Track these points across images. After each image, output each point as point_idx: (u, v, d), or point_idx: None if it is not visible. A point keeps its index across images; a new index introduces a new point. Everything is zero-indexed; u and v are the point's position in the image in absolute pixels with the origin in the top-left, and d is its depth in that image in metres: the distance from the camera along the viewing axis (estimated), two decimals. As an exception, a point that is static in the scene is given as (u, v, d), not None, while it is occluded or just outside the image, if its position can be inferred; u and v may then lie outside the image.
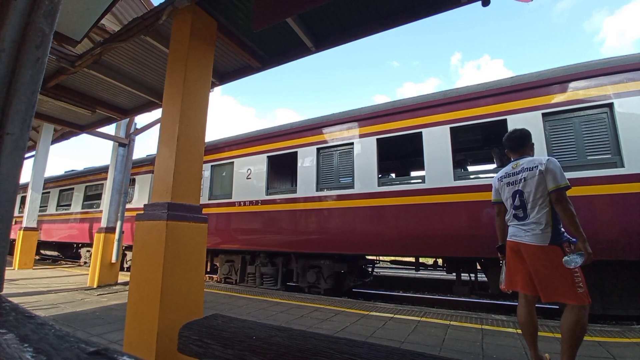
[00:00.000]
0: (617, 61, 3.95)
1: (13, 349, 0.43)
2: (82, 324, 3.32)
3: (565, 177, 2.07)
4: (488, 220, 4.31)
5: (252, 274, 6.73)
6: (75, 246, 11.82)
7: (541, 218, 2.10)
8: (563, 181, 2.05)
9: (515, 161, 2.35)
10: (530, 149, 2.40)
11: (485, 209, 4.33)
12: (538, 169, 2.14)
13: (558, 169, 2.09)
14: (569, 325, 1.95)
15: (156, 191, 2.43)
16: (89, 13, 2.91)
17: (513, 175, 2.31)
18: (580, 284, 1.96)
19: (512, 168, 2.35)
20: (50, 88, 4.25)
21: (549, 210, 2.09)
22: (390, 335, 3.02)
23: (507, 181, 2.35)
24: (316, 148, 5.93)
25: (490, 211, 4.31)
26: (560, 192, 2.04)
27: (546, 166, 2.11)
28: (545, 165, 2.12)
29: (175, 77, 2.54)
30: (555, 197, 2.05)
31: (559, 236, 2.07)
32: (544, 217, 2.09)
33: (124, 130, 6.45)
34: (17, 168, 0.71)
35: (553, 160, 2.14)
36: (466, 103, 4.72)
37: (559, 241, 2.05)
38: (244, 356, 1.02)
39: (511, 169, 2.35)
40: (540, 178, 2.12)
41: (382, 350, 0.92)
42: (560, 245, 2.04)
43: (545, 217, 2.08)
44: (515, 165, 2.33)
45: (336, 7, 2.81)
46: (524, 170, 2.23)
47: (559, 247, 2.03)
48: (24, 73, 0.72)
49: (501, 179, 2.40)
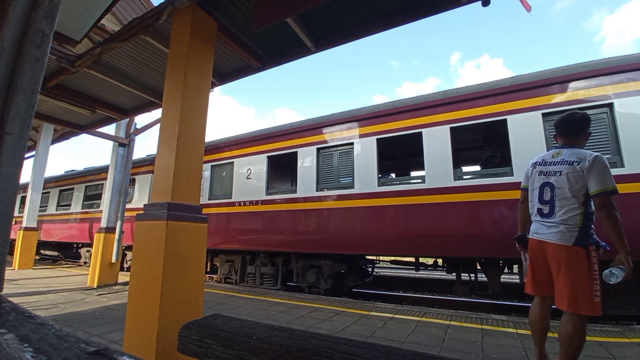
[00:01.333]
0: (617, 61, 3.96)
1: (13, 349, 0.43)
2: (82, 324, 3.32)
3: (613, 180, 1.82)
4: (488, 220, 4.31)
5: (252, 274, 6.73)
6: (75, 246, 11.83)
7: (569, 220, 1.88)
8: (611, 184, 1.80)
9: (559, 149, 2.06)
10: (583, 139, 2.08)
11: (485, 208, 4.33)
12: (580, 165, 1.87)
13: (606, 168, 1.83)
14: (566, 335, 1.84)
15: (156, 191, 2.43)
16: (89, 13, 2.91)
17: (550, 164, 2.03)
18: (597, 293, 1.79)
19: (552, 157, 2.06)
20: (50, 88, 4.25)
21: (581, 213, 1.86)
22: (390, 335, 3.02)
23: (540, 169, 2.08)
24: (316, 148, 5.94)
25: (490, 211, 4.32)
26: (606, 197, 1.80)
27: (592, 164, 1.84)
28: (591, 163, 1.85)
29: (175, 77, 2.54)
30: (599, 202, 1.81)
31: (586, 237, 1.85)
32: (573, 219, 1.87)
33: (124, 130, 6.45)
34: (17, 168, 0.71)
35: (602, 159, 1.85)
36: (466, 103, 4.72)
37: (585, 243, 1.84)
38: (244, 356, 1.02)
39: (550, 157, 2.06)
40: (580, 176, 1.86)
41: (382, 350, 0.92)
42: (586, 248, 1.84)
43: (575, 220, 1.87)
44: (556, 153, 2.05)
45: (336, 7, 2.81)
46: (564, 162, 1.96)
47: (584, 249, 1.84)
48: (24, 73, 0.72)
49: (535, 165, 2.14)
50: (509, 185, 4.23)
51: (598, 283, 1.80)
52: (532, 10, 2.45)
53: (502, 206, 4.24)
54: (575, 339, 1.81)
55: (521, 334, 3.04)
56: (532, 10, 2.46)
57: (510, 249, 4.29)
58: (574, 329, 1.82)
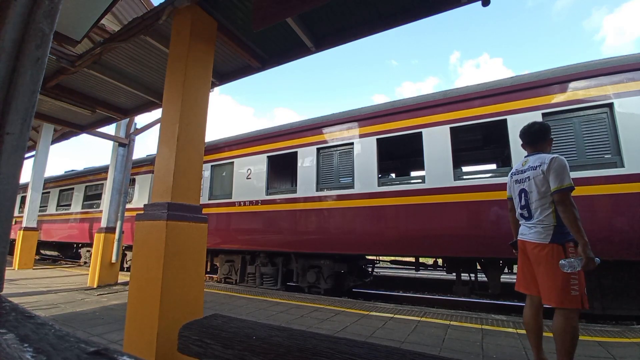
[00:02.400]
0: (617, 61, 3.96)
1: (13, 349, 0.43)
2: (82, 324, 3.32)
3: (570, 178, 1.95)
4: (488, 220, 4.32)
5: (252, 274, 6.73)
6: (75, 246, 11.83)
7: (545, 220, 2.01)
8: (566, 181, 1.93)
9: (527, 157, 2.23)
10: (547, 145, 2.22)
11: (485, 208, 4.33)
12: (541, 167, 2.03)
13: (562, 167, 1.96)
14: (558, 331, 1.89)
15: (156, 191, 2.43)
16: (89, 13, 2.91)
17: (521, 172, 2.22)
18: (575, 287, 1.87)
19: (522, 165, 2.23)
20: (50, 88, 4.25)
21: (552, 211, 1.99)
22: (390, 335, 3.02)
23: (515, 178, 2.26)
24: (316, 148, 5.94)
25: (490, 211, 4.32)
26: (562, 193, 1.92)
27: (549, 165, 1.99)
28: (548, 164, 2.00)
29: (175, 77, 2.54)
30: (557, 199, 1.94)
31: (562, 235, 1.96)
32: (547, 218, 2.00)
33: (124, 130, 6.45)
34: (17, 168, 0.71)
35: (558, 159, 2.00)
36: (466, 103, 4.72)
37: (562, 240, 1.95)
38: (244, 356, 1.02)
39: (521, 166, 2.24)
40: (544, 178, 2.01)
41: (382, 350, 0.92)
42: (562, 245, 1.95)
43: (549, 219, 1.99)
44: (525, 162, 2.22)
45: (336, 7, 2.81)
46: (530, 168, 2.13)
47: (562, 246, 1.94)
48: (24, 73, 0.72)
49: (512, 175, 2.32)
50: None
51: (576, 277, 1.89)
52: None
53: (502, 206, 4.24)
54: (567, 333, 1.87)
55: (521, 334, 3.04)
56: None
57: (510, 249, 4.30)
58: (564, 323, 1.88)
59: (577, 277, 1.89)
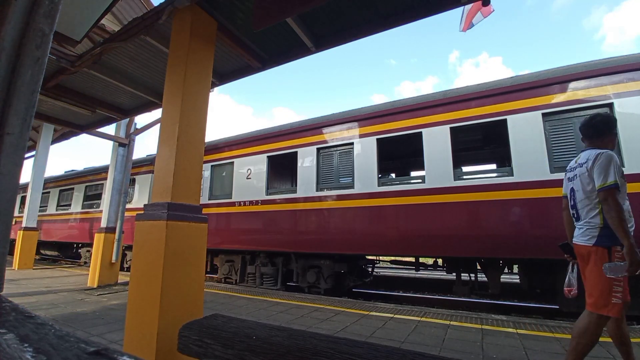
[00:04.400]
0: (616, 61, 3.96)
1: (13, 349, 0.43)
2: (82, 324, 3.32)
3: (615, 175, 1.80)
4: (488, 220, 4.31)
5: (252, 274, 6.73)
6: (75, 246, 11.83)
7: (591, 221, 1.89)
8: (610, 179, 1.78)
9: (580, 153, 2.07)
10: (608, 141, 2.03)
11: (485, 208, 4.33)
12: (586, 165, 1.90)
13: (607, 163, 1.83)
14: (579, 330, 1.84)
15: (156, 191, 2.43)
16: (89, 13, 2.90)
17: (572, 170, 2.08)
18: (618, 294, 1.75)
19: (575, 161, 2.08)
20: (50, 88, 4.25)
21: (599, 211, 1.86)
22: (390, 335, 3.02)
23: (568, 175, 2.13)
24: (316, 148, 5.94)
25: (490, 211, 4.32)
26: (605, 192, 1.79)
27: (593, 162, 1.87)
28: (592, 161, 1.87)
29: (175, 77, 2.54)
30: (601, 197, 1.82)
31: (608, 237, 1.82)
32: (594, 219, 1.88)
33: (124, 130, 6.45)
34: (17, 168, 0.71)
35: (605, 154, 1.86)
36: (466, 103, 4.72)
37: (608, 243, 1.82)
38: (244, 356, 1.02)
39: (574, 162, 2.09)
40: (589, 176, 1.89)
41: (382, 350, 0.92)
42: (608, 248, 1.82)
43: (596, 219, 1.87)
44: (578, 157, 2.07)
45: (336, 7, 2.80)
46: (578, 165, 2.00)
47: (607, 249, 1.82)
48: (24, 73, 0.72)
49: (566, 172, 2.17)
50: (509, 185, 4.24)
51: (620, 284, 1.77)
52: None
53: (502, 206, 4.24)
54: (585, 336, 1.82)
55: (521, 334, 3.05)
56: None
57: (510, 249, 4.32)
58: (586, 326, 1.82)
59: (621, 284, 1.77)
